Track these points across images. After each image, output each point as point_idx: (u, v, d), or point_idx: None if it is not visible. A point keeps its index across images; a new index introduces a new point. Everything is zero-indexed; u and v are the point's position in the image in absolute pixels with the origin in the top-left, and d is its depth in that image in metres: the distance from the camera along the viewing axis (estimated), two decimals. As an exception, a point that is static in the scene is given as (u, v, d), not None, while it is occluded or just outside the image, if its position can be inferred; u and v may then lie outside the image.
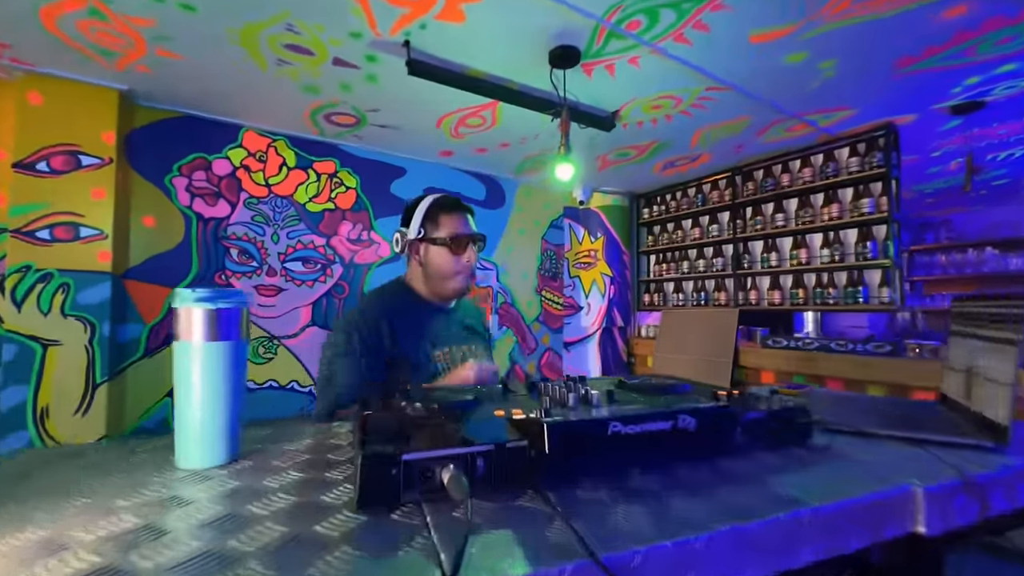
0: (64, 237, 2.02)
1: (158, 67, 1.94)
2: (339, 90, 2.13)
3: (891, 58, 1.88)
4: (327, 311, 2.77)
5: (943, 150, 2.96)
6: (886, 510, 0.52)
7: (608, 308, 3.82)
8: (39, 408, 1.95)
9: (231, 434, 0.61)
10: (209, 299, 0.59)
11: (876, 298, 2.62)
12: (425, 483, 0.48)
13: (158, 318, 2.32)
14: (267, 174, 2.62)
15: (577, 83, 2.03)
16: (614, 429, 0.53)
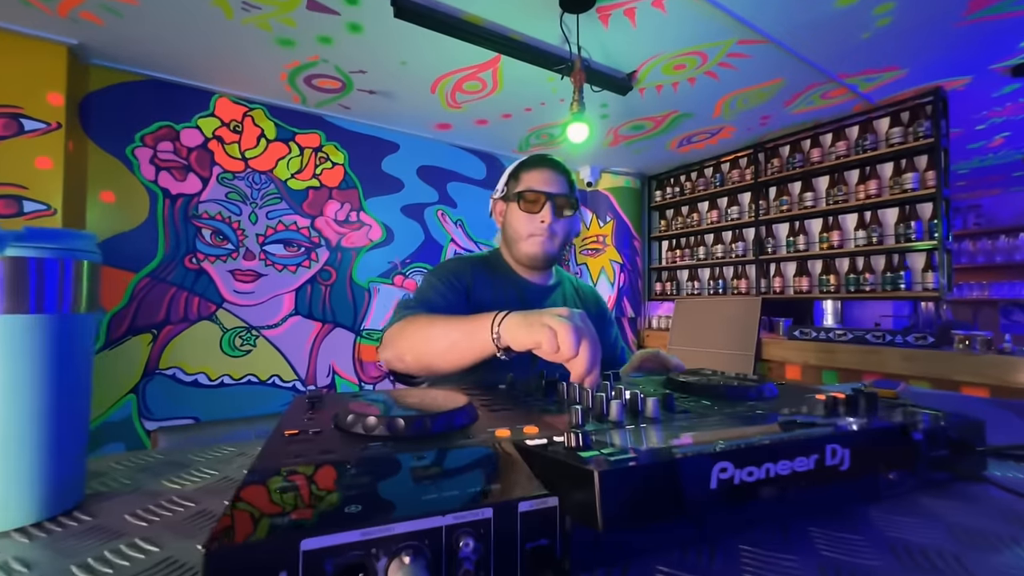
0: (4, 212, 1.77)
1: (109, 16, 1.68)
2: (318, 43, 1.87)
3: (958, 3, 1.61)
4: (312, 299, 2.53)
5: (990, 121, 2.68)
6: None
7: (618, 297, 3.56)
8: (-22, 406, 1.71)
9: (52, 473, 0.36)
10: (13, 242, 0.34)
11: (919, 284, 2.36)
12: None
13: (120, 305, 2.07)
14: (243, 146, 2.36)
15: (591, 34, 1.76)
16: (720, 475, 0.28)
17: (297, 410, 0.48)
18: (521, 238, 0.95)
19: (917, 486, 0.42)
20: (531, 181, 0.94)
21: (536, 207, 0.92)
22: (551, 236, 0.93)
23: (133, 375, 2.10)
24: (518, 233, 0.95)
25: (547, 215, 0.91)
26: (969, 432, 0.45)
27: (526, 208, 0.93)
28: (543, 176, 0.94)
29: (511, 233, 0.97)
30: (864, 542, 0.32)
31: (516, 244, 0.97)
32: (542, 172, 0.95)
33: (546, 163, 0.97)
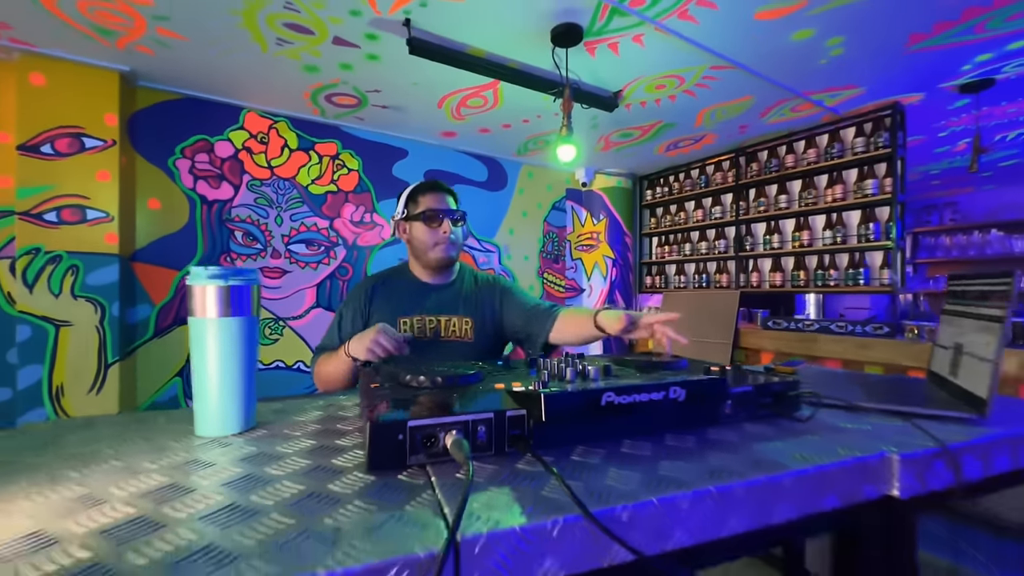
0: (71, 219, 2.05)
1: (159, 47, 1.94)
2: (339, 69, 2.12)
3: (901, 35, 1.86)
4: (331, 292, 2.81)
5: (950, 130, 2.92)
6: (863, 474, 0.55)
7: (610, 290, 3.84)
8: (54, 386, 2.01)
9: (246, 405, 0.65)
10: (222, 276, 0.62)
11: (877, 280, 2.63)
12: (429, 447, 0.51)
13: (166, 299, 2.36)
14: (269, 156, 2.63)
15: (579, 62, 2.01)
16: (607, 399, 0.56)
17: (367, 376, 0.76)
18: (428, 248, 1.20)
19: (748, 417, 0.70)
20: (429, 203, 1.20)
21: (436, 222, 1.19)
22: (452, 243, 1.20)
23: (179, 360, 2.39)
24: (426, 244, 1.20)
25: (447, 227, 1.18)
26: (787, 389, 0.73)
27: (428, 224, 1.19)
28: (437, 197, 1.21)
29: (419, 245, 1.21)
30: (693, 440, 0.60)
31: (425, 254, 1.21)
32: (438, 195, 1.22)
33: (439, 188, 1.24)
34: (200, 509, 0.41)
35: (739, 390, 0.68)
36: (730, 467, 0.51)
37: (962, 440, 0.62)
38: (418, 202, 1.21)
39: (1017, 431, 0.66)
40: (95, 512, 0.41)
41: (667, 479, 0.48)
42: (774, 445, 0.59)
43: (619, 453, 0.56)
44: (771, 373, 1.11)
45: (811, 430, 0.66)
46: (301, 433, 0.64)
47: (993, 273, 0.74)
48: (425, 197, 1.21)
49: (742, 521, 0.48)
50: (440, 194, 1.23)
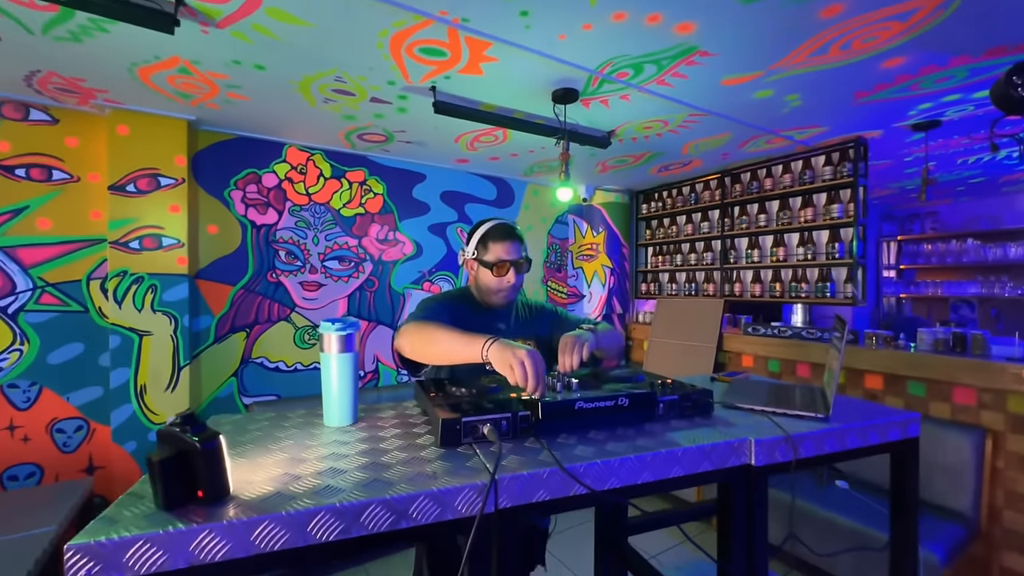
0: (150, 246, 2.45)
1: (225, 104, 2.32)
2: (373, 118, 2.50)
3: (848, 92, 2.19)
4: (360, 302, 3.20)
5: (913, 156, 3.24)
6: (731, 451, 0.92)
7: (608, 297, 4.21)
8: (138, 386, 2.42)
9: (354, 406, 1.03)
10: (341, 328, 1.00)
11: (841, 293, 2.98)
12: (474, 433, 0.89)
13: (223, 311, 2.76)
14: (307, 184, 3.01)
15: (577, 112, 2.37)
16: (579, 405, 0.94)
17: (425, 388, 1.14)
18: (491, 292, 1.31)
19: (675, 416, 1.08)
20: (499, 252, 1.27)
21: (504, 271, 1.28)
22: (513, 289, 1.31)
23: (234, 363, 2.80)
24: (489, 289, 1.31)
25: (512, 276, 1.29)
26: (702, 397, 1.10)
27: (496, 273, 1.28)
28: (507, 247, 1.28)
29: (483, 287, 1.32)
30: (633, 431, 0.98)
31: (487, 295, 1.32)
32: (506, 244, 1.28)
33: (509, 236, 1.29)
34: (359, 464, 0.80)
35: (667, 399, 1.05)
36: (648, 446, 0.89)
37: (804, 431, 0.99)
38: (488, 248, 1.29)
39: (845, 426, 1.03)
40: (304, 466, 0.79)
41: (609, 452, 0.86)
42: (682, 433, 0.96)
43: (586, 438, 0.94)
44: (715, 381, 1.49)
45: (711, 424, 1.03)
46: (388, 425, 1.03)
47: (842, 320, 1.11)
48: (496, 245, 1.28)
49: (652, 475, 0.86)
50: (511, 243, 1.29)
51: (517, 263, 1.30)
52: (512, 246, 1.30)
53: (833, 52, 1.81)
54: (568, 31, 1.64)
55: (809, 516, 2.25)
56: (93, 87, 2.12)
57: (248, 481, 0.73)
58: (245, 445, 0.90)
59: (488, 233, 1.31)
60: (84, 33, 1.67)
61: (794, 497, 1.82)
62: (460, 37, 1.68)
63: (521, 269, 1.32)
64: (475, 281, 1.37)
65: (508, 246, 1.29)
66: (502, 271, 1.28)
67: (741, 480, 0.94)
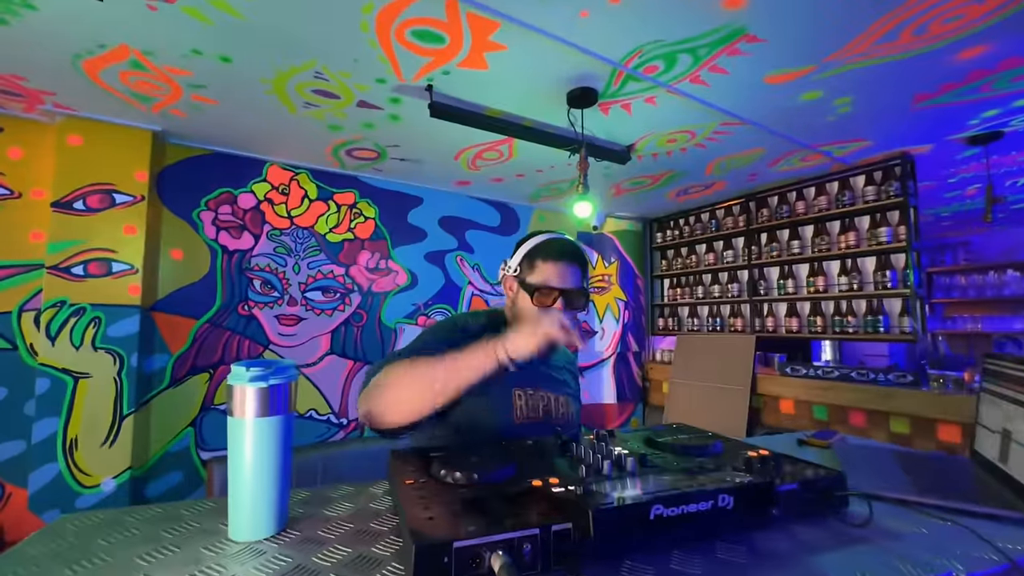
0: (97, 272, 2.09)
1: (192, 111, 2.03)
2: (361, 128, 2.21)
3: (907, 95, 1.90)
4: (345, 339, 2.81)
5: (959, 176, 2.95)
6: (930, 598, 0.52)
7: (623, 333, 3.81)
8: (68, 439, 2.00)
9: (280, 505, 0.64)
10: (262, 378, 0.62)
11: (897, 327, 2.59)
12: (474, 569, 0.50)
13: (183, 348, 2.37)
14: (289, 206, 2.70)
15: (593, 120, 2.08)
16: (656, 512, 0.55)
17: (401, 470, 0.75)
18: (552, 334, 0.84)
19: (796, 516, 0.68)
20: (548, 275, 0.93)
21: (549, 301, 0.93)
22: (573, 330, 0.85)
23: (192, 410, 2.38)
24: (524, 317, 0.94)
25: (559, 308, 0.93)
26: (832, 483, 0.70)
27: (538, 302, 0.93)
28: (560, 271, 0.93)
29: (518, 313, 0.97)
30: (744, 552, 0.58)
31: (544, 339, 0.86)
32: (559, 266, 0.93)
33: (566, 256, 0.95)
34: (246, 657, 0.40)
35: (785, 488, 0.66)
36: (789, 593, 0.49)
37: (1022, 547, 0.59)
38: (535, 268, 0.95)
39: (1084, 538, 0.63)
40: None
41: (727, 612, 0.46)
42: (829, 558, 0.56)
43: (669, 570, 0.54)
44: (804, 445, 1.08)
45: (864, 537, 0.63)
46: (335, 536, 0.63)
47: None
48: (547, 265, 0.94)
49: (808, 660, 0.45)
50: (568, 267, 0.95)
51: (570, 294, 0.94)
52: (569, 270, 0.95)
53: (904, 38, 1.52)
54: (591, 5, 1.35)
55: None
56: (37, 87, 1.84)
57: None
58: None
59: (539, 248, 0.97)
60: (6, 10, 1.38)
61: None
62: (461, 14, 1.39)
63: (575, 304, 0.96)
64: (512, 305, 1.01)
65: (563, 269, 0.94)
66: (546, 300, 0.93)
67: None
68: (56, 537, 0.64)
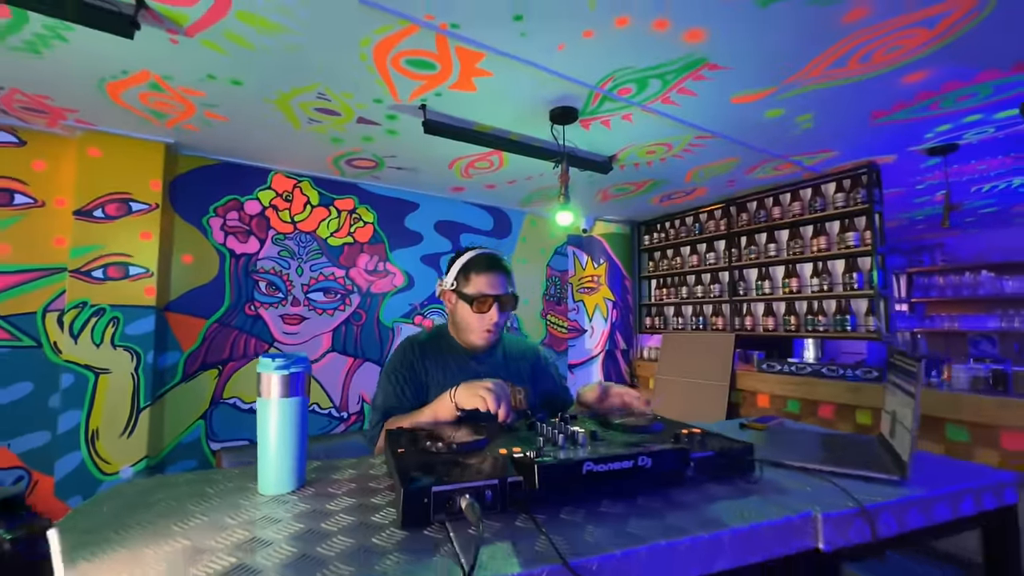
0: (115, 275, 2.25)
1: (204, 126, 2.19)
2: (361, 141, 2.37)
3: (864, 111, 2.07)
4: (345, 337, 2.98)
5: (926, 183, 3.12)
6: (792, 531, 0.69)
7: (611, 331, 3.98)
8: (90, 431, 2.16)
9: (299, 467, 0.80)
10: (284, 367, 0.79)
11: (863, 326, 2.76)
12: (448, 508, 0.66)
13: (194, 346, 2.54)
14: (293, 212, 2.86)
15: (576, 134, 2.24)
16: (587, 468, 0.71)
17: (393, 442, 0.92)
18: (472, 331, 1.13)
19: (710, 478, 0.84)
20: (481, 285, 1.11)
21: (485, 307, 1.11)
22: (496, 330, 1.13)
23: (203, 404, 2.54)
24: (469, 327, 1.13)
25: (494, 314, 1.12)
26: (741, 453, 0.87)
27: (477, 309, 1.11)
28: (491, 280, 1.11)
29: (461, 323, 1.15)
30: (660, 501, 0.75)
31: (466, 334, 1.15)
32: (490, 276, 1.12)
33: (494, 268, 1.13)
34: (283, 558, 0.56)
35: (699, 456, 0.83)
36: (683, 525, 0.66)
37: (881, 500, 0.76)
38: (470, 280, 1.13)
39: (931, 493, 0.80)
40: (206, 561, 0.56)
41: (631, 535, 0.63)
42: (724, 505, 0.73)
43: (597, 512, 0.70)
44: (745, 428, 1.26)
45: (758, 490, 0.80)
46: (342, 491, 0.79)
47: (912, 356, 0.90)
48: (479, 278, 1.12)
49: (689, 570, 0.62)
50: (496, 276, 1.13)
51: (502, 299, 1.14)
52: (497, 279, 1.14)
53: (852, 64, 1.68)
54: (567, 39, 1.51)
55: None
56: (61, 106, 2.00)
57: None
58: (134, 528, 0.66)
59: (470, 263, 1.15)
60: (42, 43, 1.54)
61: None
62: (450, 46, 1.55)
63: (506, 306, 1.15)
64: (452, 316, 1.20)
65: (492, 279, 1.13)
66: (483, 307, 1.12)
67: (808, 573, 0.70)
68: (118, 495, 0.81)
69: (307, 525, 0.66)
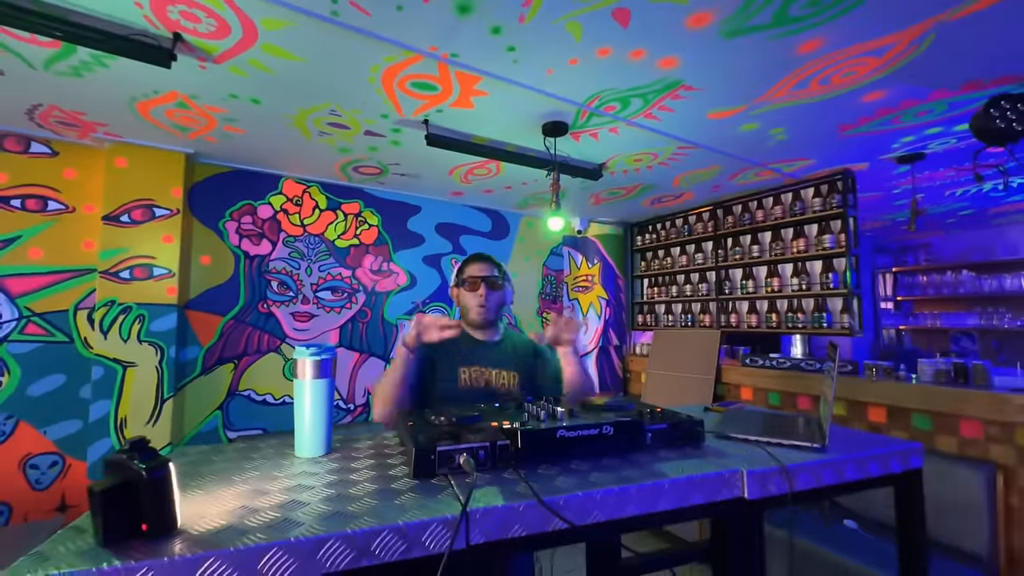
0: (140, 276, 2.43)
1: (222, 138, 2.37)
2: (367, 150, 2.55)
3: (832, 125, 2.24)
4: (352, 333, 3.16)
5: (901, 188, 3.29)
6: (722, 482, 0.87)
7: (604, 328, 4.16)
8: (119, 419, 2.35)
9: (327, 436, 0.99)
10: (317, 354, 0.97)
11: (838, 323, 2.94)
12: (450, 463, 0.85)
13: (212, 341, 2.72)
14: (302, 216, 3.04)
15: (567, 145, 2.42)
16: (560, 434, 0.90)
17: (404, 416, 1.10)
18: (470, 308, 1.43)
19: (664, 446, 1.02)
20: (471, 271, 1.44)
21: (476, 287, 1.42)
22: (490, 307, 1.42)
23: (220, 395, 2.73)
24: (467, 305, 1.44)
25: (483, 291, 1.41)
26: (694, 425, 1.05)
27: (469, 288, 1.43)
28: (478, 267, 1.44)
29: (463, 307, 1.46)
30: (619, 461, 0.93)
31: (467, 314, 1.44)
32: (478, 265, 1.46)
33: (479, 259, 1.47)
34: (324, 496, 0.75)
35: (655, 427, 1.01)
36: (633, 477, 0.84)
37: (800, 462, 0.94)
38: (464, 272, 1.46)
39: (843, 456, 0.98)
40: (267, 498, 0.74)
41: (592, 483, 0.81)
42: (669, 464, 0.91)
43: (568, 469, 0.89)
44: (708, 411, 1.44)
45: (702, 455, 0.98)
46: (363, 455, 0.98)
47: (834, 347, 1.08)
48: (470, 267, 1.46)
49: (637, 508, 0.80)
50: (482, 264, 1.46)
51: (488, 280, 1.44)
52: (483, 266, 1.46)
53: (813, 87, 1.86)
54: (555, 65, 1.69)
55: (814, 558, 2.12)
56: (93, 120, 2.17)
57: (201, 515, 0.68)
58: (207, 476, 0.85)
59: (465, 261, 1.51)
60: (85, 68, 1.72)
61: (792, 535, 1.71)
62: (450, 72, 1.73)
63: (494, 286, 1.44)
64: (458, 306, 1.50)
65: (480, 266, 1.46)
66: (474, 286, 1.43)
67: (735, 515, 0.88)
68: (182, 456, 0.99)
69: (339, 476, 0.84)
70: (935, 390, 2.43)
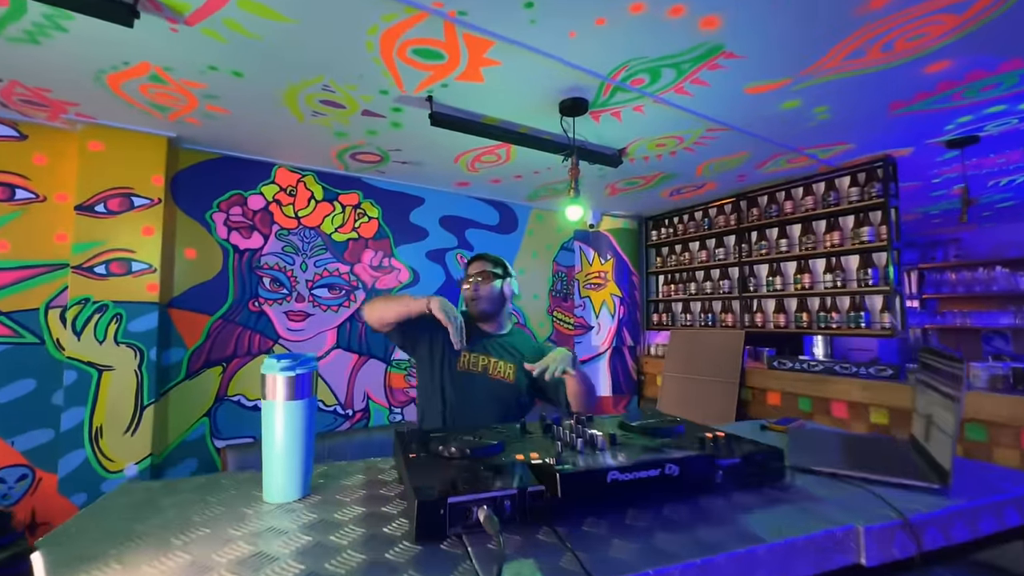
0: (118, 272, 2.22)
1: (205, 119, 2.15)
2: (365, 134, 2.32)
3: (883, 102, 2.00)
4: (350, 334, 2.95)
5: (943, 177, 3.04)
6: (832, 544, 0.65)
7: (618, 328, 3.94)
8: (94, 428, 2.14)
9: (305, 474, 0.77)
10: (289, 368, 0.75)
11: (878, 323, 2.71)
12: (465, 519, 0.62)
13: (198, 343, 2.51)
14: (297, 207, 2.82)
15: (585, 127, 2.19)
16: (612, 477, 0.67)
17: (405, 445, 0.88)
18: (468, 301, 1.59)
19: (737, 486, 0.80)
20: (470, 270, 1.61)
21: (470, 280, 1.57)
22: (477, 299, 1.56)
23: (207, 401, 2.52)
24: (466, 299, 1.60)
25: (473, 285, 1.56)
26: (772, 458, 0.83)
27: (466, 282, 1.59)
28: (475, 266, 1.61)
29: (465, 299, 1.61)
30: (687, 511, 0.70)
31: (468, 306, 1.60)
32: (474, 264, 1.62)
33: (477, 258, 1.63)
34: (291, 574, 0.52)
35: (727, 463, 0.78)
36: (716, 539, 0.62)
37: (925, 511, 0.71)
38: (468, 269, 1.63)
39: (975, 503, 0.75)
40: (210, 578, 0.52)
41: (661, 551, 0.58)
42: (757, 516, 0.69)
43: (621, 524, 0.66)
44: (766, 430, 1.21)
45: (791, 499, 0.76)
46: (351, 499, 0.76)
47: (950, 356, 0.85)
48: (471, 266, 1.63)
49: (725, 588, 0.58)
50: (478, 262, 1.63)
51: (481, 273, 1.57)
52: (478, 263, 1.61)
53: (872, 54, 1.62)
54: (579, 27, 1.46)
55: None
56: (61, 99, 1.96)
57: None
58: (135, 540, 0.63)
59: (468, 261, 1.67)
60: (41, 33, 1.50)
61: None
62: (458, 35, 1.50)
63: (486, 278, 1.57)
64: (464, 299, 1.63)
65: (475, 264, 1.62)
66: (469, 279, 1.59)
67: (849, 589, 0.66)
68: (126, 495, 0.77)
69: (315, 538, 0.62)
70: (991, 397, 2.20)
